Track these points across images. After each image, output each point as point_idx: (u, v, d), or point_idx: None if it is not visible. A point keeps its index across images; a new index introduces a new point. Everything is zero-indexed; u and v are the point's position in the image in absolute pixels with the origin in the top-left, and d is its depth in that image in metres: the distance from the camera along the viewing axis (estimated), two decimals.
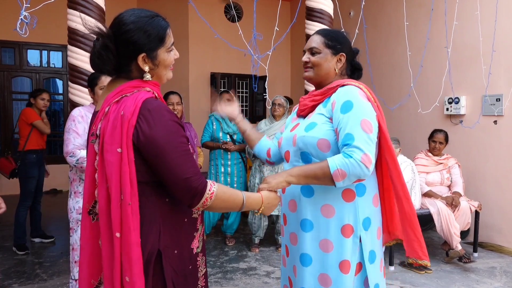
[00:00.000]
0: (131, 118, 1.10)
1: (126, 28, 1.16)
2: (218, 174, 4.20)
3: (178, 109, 3.44)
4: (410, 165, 3.87)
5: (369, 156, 1.37)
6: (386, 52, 5.41)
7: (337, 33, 1.61)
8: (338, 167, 1.37)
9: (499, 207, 4.14)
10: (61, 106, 7.72)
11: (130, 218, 1.10)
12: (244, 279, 3.34)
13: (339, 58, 1.58)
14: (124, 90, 1.17)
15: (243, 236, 4.48)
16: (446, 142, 4.02)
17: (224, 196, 1.23)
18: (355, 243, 1.50)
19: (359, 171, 1.36)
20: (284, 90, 7.70)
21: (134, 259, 1.10)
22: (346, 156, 1.37)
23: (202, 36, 6.68)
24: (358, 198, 1.50)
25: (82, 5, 2.36)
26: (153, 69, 1.22)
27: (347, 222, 1.49)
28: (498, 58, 4.04)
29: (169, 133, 1.13)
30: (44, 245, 4.21)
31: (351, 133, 1.39)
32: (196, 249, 1.29)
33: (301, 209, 1.55)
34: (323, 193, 1.50)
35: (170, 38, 1.25)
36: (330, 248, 1.50)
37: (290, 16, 7.35)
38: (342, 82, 1.53)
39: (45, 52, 6.97)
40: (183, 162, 1.14)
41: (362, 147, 1.37)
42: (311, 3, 3.27)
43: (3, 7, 5.76)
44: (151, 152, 1.12)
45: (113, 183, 1.11)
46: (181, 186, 1.14)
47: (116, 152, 1.11)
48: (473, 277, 3.43)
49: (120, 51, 1.17)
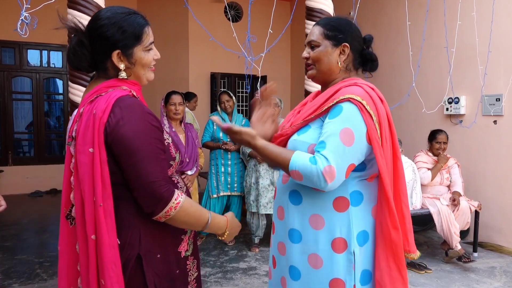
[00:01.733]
0: (102, 116, 1.07)
1: (101, 23, 1.13)
2: (218, 174, 4.20)
3: (180, 109, 3.41)
4: (411, 165, 3.87)
5: (333, 170, 1.18)
6: (386, 52, 5.41)
7: (339, 21, 1.39)
8: (297, 168, 1.22)
9: (499, 207, 4.14)
10: (61, 106, 7.72)
11: (103, 220, 1.06)
12: (244, 279, 3.34)
13: (342, 49, 1.36)
14: (99, 90, 1.14)
15: (243, 236, 4.48)
16: (447, 141, 4.04)
17: (190, 210, 1.15)
18: (349, 260, 1.29)
19: (316, 181, 1.20)
20: (284, 90, 7.70)
21: (110, 262, 1.06)
22: (311, 161, 1.21)
23: (202, 36, 6.66)
24: (352, 208, 1.30)
25: (82, 5, 2.36)
26: (129, 68, 1.18)
27: (338, 235, 1.29)
28: (497, 58, 4.04)
29: (140, 132, 1.08)
30: (44, 245, 4.21)
31: (324, 141, 1.23)
32: (185, 253, 1.25)
33: (288, 218, 1.38)
34: (311, 201, 1.32)
35: (148, 37, 1.20)
36: (319, 264, 1.31)
37: (289, 16, 7.35)
38: (346, 82, 1.34)
39: (45, 52, 6.97)
40: (150, 164, 1.08)
41: (329, 157, 1.19)
42: (310, 2, 3.27)
43: (3, 7, 5.76)
44: (118, 150, 1.07)
45: (86, 184, 1.07)
46: (144, 190, 1.08)
47: (88, 152, 1.07)
48: (473, 277, 3.43)
49: (95, 47, 1.14)
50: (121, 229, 1.11)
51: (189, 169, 3.39)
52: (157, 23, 6.87)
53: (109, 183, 1.07)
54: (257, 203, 3.95)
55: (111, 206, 1.08)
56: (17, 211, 4.74)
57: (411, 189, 3.80)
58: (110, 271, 1.06)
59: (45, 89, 7.26)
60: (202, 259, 3.78)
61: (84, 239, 1.10)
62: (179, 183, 1.30)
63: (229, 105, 4.24)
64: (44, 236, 4.50)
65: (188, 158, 3.39)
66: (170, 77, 6.83)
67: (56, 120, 8.11)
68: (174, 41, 6.88)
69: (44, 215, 5.30)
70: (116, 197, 1.11)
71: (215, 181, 4.21)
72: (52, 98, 8.25)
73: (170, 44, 6.89)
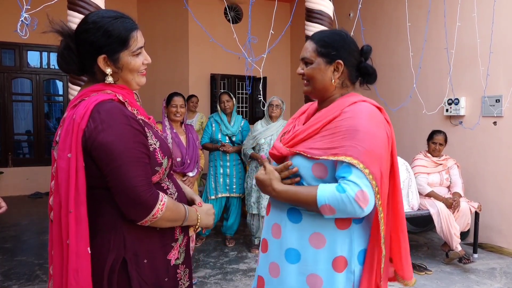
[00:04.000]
0: (80, 121, 1.06)
1: (86, 27, 1.13)
2: (217, 176, 4.20)
3: (181, 111, 3.39)
4: (404, 165, 3.88)
5: (366, 194, 1.16)
6: (386, 53, 5.41)
7: (332, 36, 1.35)
8: (327, 202, 1.18)
9: (499, 208, 4.14)
10: (61, 107, 7.73)
11: (72, 227, 1.05)
12: (244, 280, 3.34)
13: (336, 66, 1.32)
14: (84, 94, 1.14)
15: (243, 237, 4.48)
16: (445, 143, 4.03)
17: (173, 207, 1.16)
18: (349, 279, 1.26)
19: (350, 209, 1.16)
20: (284, 91, 7.71)
21: (72, 269, 1.05)
22: (339, 190, 1.17)
23: (202, 37, 6.67)
24: (354, 225, 1.27)
25: (82, 6, 2.36)
26: (116, 73, 1.17)
27: (340, 253, 1.26)
28: (497, 59, 4.04)
29: (120, 137, 1.06)
30: (44, 247, 4.20)
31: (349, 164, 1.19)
32: (175, 261, 1.22)
33: (286, 236, 1.31)
34: (312, 219, 1.27)
35: (135, 42, 1.17)
36: (318, 285, 1.26)
37: (289, 17, 7.35)
38: (346, 100, 1.30)
39: (45, 54, 6.97)
40: (132, 168, 1.06)
41: (359, 182, 1.16)
42: (310, 4, 3.27)
43: (3, 8, 5.76)
44: (98, 156, 1.06)
45: (62, 189, 1.07)
46: (126, 195, 1.07)
47: (66, 158, 1.06)
48: (473, 278, 3.43)
49: (81, 51, 1.14)
50: (103, 232, 1.11)
51: (190, 170, 3.39)
52: (157, 24, 6.88)
53: (83, 190, 1.06)
54: (258, 204, 3.94)
55: (84, 213, 1.06)
56: (17, 213, 4.73)
57: (407, 188, 3.80)
58: (71, 278, 1.05)
59: (45, 90, 7.27)
60: (202, 260, 3.77)
61: (59, 243, 1.09)
62: (169, 189, 1.26)
63: (228, 106, 4.24)
64: (44, 237, 4.49)
65: (189, 160, 3.39)
66: (170, 78, 6.84)
67: (56, 121, 8.12)
68: (174, 42, 6.89)
69: (44, 217, 5.28)
70: (99, 201, 1.10)
71: (213, 183, 4.20)
72: (52, 100, 8.26)
73: (170, 45, 6.90)
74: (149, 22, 6.78)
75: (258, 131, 3.98)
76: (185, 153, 3.37)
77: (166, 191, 1.23)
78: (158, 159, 1.18)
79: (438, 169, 3.98)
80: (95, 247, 1.10)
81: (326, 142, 1.25)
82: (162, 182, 1.24)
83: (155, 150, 1.17)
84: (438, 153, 4.01)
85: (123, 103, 1.16)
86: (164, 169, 1.21)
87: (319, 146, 1.26)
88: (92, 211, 1.09)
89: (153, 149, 1.17)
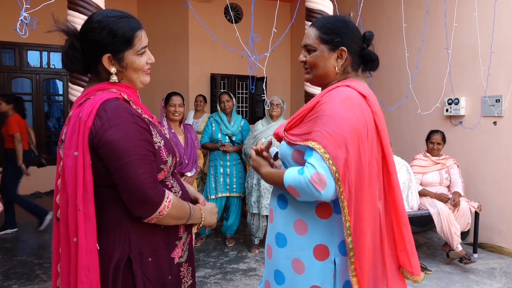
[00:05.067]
0: (87, 120, 1.07)
1: (91, 26, 1.14)
2: (217, 175, 4.20)
3: (180, 111, 3.38)
4: (405, 166, 3.88)
5: (322, 176, 1.14)
6: (386, 53, 5.41)
7: (335, 23, 1.33)
8: (290, 183, 1.20)
9: (499, 208, 4.14)
10: (61, 107, 7.73)
11: (82, 224, 1.06)
12: (244, 280, 3.34)
13: (339, 53, 1.31)
14: (89, 93, 1.15)
15: (243, 237, 4.48)
16: (443, 142, 4.02)
17: (179, 204, 1.18)
18: (329, 268, 1.25)
19: (308, 191, 1.16)
20: (284, 91, 7.71)
21: (83, 266, 1.06)
22: (299, 172, 1.18)
23: (202, 37, 6.69)
24: (335, 216, 1.25)
25: (82, 6, 2.36)
26: (121, 72, 1.18)
27: (320, 242, 1.26)
28: (497, 59, 4.04)
29: (126, 135, 1.07)
30: (44, 246, 4.20)
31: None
32: (179, 259, 1.24)
33: (276, 221, 1.37)
34: (295, 206, 1.30)
35: (140, 41, 1.18)
36: (301, 270, 1.28)
37: (290, 17, 7.36)
38: (338, 84, 1.31)
39: (45, 53, 6.97)
40: (139, 166, 1.07)
41: (316, 164, 1.15)
42: (310, 4, 3.27)
43: (3, 8, 5.76)
44: (105, 154, 1.07)
45: (69, 187, 1.07)
46: (133, 193, 1.07)
47: (73, 156, 1.07)
48: (473, 278, 3.43)
49: (86, 50, 1.15)
50: (108, 231, 1.11)
51: (188, 170, 3.39)
52: (157, 24, 6.88)
53: (91, 188, 1.07)
54: (258, 204, 3.94)
55: (92, 210, 1.07)
56: (17, 212, 4.74)
57: (407, 189, 3.80)
58: (83, 275, 1.06)
59: (45, 90, 7.26)
60: (201, 260, 3.77)
61: (67, 241, 1.10)
62: (174, 187, 1.27)
63: (228, 106, 4.24)
64: (43, 237, 4.49)
65: (187, 160, 3.39)
66: (170, 78, 6.84)
67: (56, 121, 8.12)
68: (174, 42, 6.89)
69: None
70: (105, 199, 1.11)
71: (213, 182, 4.20)
72: (52, 99, 8.26)
73: (170, 45, 6.90)
74: (149, 22, 6.77)
75: (259, 131, 3.98)
76: (183, 153, 3.37)
77: (170, 189, 1.24)
78: (163, 157, 1.19)
79: (437, 168, 3.98)
80: (100, 245, 1.10)
81: (305, 128, 1.26)
82: (167, 180, 1.25)
83: (160, 148, 1.19)
84: (437, 153, 4.01)
85: (128, 101, 1.17)
86: (169, 167, 1.22)
87: (298, 132, 1.28)
88: (98, 209, 1.10)
89: (158, 147, 1.18)
